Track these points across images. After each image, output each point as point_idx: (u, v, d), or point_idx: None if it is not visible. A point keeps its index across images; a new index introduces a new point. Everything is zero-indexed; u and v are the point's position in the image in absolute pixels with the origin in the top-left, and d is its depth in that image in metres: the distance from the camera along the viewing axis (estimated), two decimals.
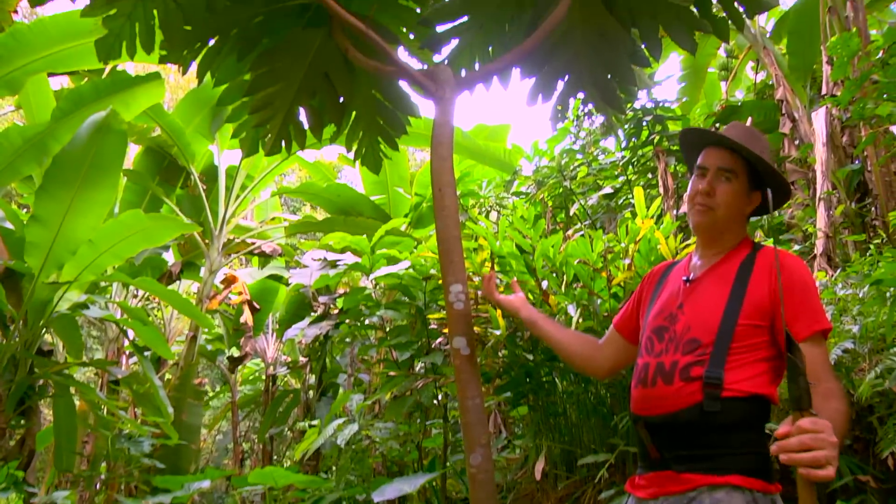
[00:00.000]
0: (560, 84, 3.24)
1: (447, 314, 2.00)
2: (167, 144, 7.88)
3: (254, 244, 8.79)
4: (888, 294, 3.11)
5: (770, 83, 7.62)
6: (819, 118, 5.48)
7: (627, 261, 4.04)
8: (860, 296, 3.34)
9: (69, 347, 6.19)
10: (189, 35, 2.93)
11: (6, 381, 4.76)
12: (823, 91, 6.00)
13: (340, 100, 3.52)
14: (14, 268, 5.03)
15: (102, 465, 6.89)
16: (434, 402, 4.95)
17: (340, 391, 8.67)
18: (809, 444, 1.40)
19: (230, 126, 3.82)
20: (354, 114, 3.60)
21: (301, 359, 10.11)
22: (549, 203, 7.49)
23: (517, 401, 4.53)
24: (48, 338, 7.73)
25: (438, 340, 4.89)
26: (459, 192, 7.13)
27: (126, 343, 7.77)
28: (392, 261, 5.36)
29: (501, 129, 9.99)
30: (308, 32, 3.21)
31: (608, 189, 7.01)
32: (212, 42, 3.13)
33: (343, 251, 6.96)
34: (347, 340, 7.93)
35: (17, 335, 5.10)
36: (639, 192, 4.49)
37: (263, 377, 11.12)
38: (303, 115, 3.61)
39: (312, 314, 7.83)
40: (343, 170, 17.84)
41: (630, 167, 6.92)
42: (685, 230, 5.16)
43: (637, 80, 3.33)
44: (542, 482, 4.21)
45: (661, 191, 6.14)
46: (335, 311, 7.12)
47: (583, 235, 4.38)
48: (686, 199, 2.05)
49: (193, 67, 3.29)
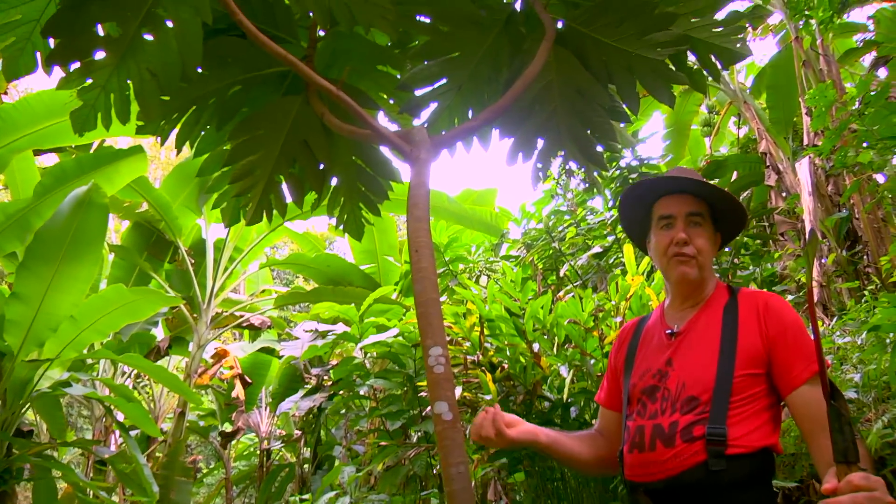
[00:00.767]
0: (539, 142, 3.24)
1: (427, 378, 1.92)
2: (155, 219, 7.87)
3: (242, 317, 8.68)
4: (888, 340, 3.03)
5: (753, 137, 7.70)
6: (803, 168, 5.50)
7: (619, 319, 3.97)
8: (859, 343, 3.26)
9: (52, 427, 6.01)
10: (166, 105, 2.92)
11: None
12: (805, 141, 6.05)
13: (321, 167, 3.51)
14: None
15: None
16: (430, 472, 4.81)
17: (336, 464, 8.46)
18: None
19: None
20: (335, 180, 3.58)
21: (295, 432, 9.90)
22: (540, 265, 7.45)
23: (514, 467, 4.39)
24: (30, 417, 7.54)
25: (430, 408, 4.77)
26: (448, 258, 7.10)
27: (119, 432, 7.57)
28: (381, 329, 5.29)
29: (488, 194, 10.04)
30: (286, 100, 3.21)
31: (597, 248, 6.98)
32: (190, 112, 3.14)
33: (335, 321, 6.89)
34: (342, 412, 7.78)
35: None
36: (628, 249, 4.45)
37: (258, 452, 10.87)
38: (284, 185, 3.60)
39: (306, 387, 7.70)
40: (335, 241, 17.87)
41: (618, 225, 6.90)
42: None
43: (619, 137, 3.33)
44: None
45: None
46: (328, 383, 7.01)
47: (573, 296, 4.33)
48: (657, 254, 1.95)
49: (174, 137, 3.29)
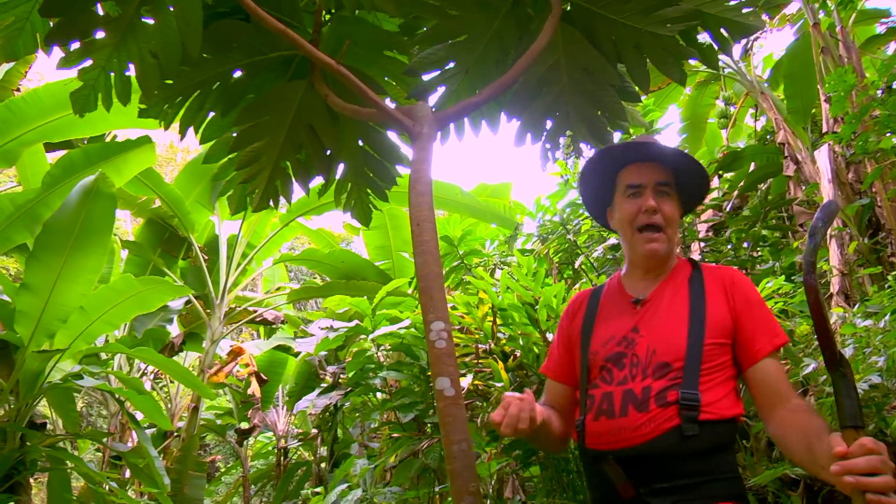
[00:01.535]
0: (548, 123, 3.18)
1: (429, 354, 1.87)
2: (168, 215, 7.89)
3: (255, 312, 8.69)
4: None
5: (771, 129, 7.58)
6: (822, 156, 5.39)
7: None
8: (881, 326, 3.17)
9: (66, 422, 6.03)
10: (169, 89, 2.90)
11: None
12: (824, 129, 5.93)
13: (327, 153, 3.47)
14: (5, 338, 4.93)
15: None
16: (444, 465, 4.76)
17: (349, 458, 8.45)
18: (879, 468, 1.28)
19: None
20: (342, 166, 3.55)
21: (312, 430, 9.90)
22: (555, 259, 7.37)
23: (527, 459, 4.33)
24: (44, 411, 7.58)
25: None
26: (462, 251, 7.04)
27: (130, 424, 7.60)
28: (394, 321, 5.24)
29: (503, 188, 9.96)
30: (291, 85, 3.18)
31: (613, 240, 6.89)
32: (193, 96, 3.12)
33: (349, 319, 6.87)
34: (357, 414, 7.76)
35: (6, 406, 4.97)
36: None
37: (275, 451, 10.88)
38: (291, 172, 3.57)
39: (322, 385, 7.69)
40: (352, 243, 17.89)
41: None
42: None
43: (629, 118, 3.26)
44: None
45: None
46: (344, 381, 6.98)
47: (586, 281, 4.27)
48: (623, 224, 1.91)
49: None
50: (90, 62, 2.51)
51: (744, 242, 6.34)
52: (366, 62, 3.30)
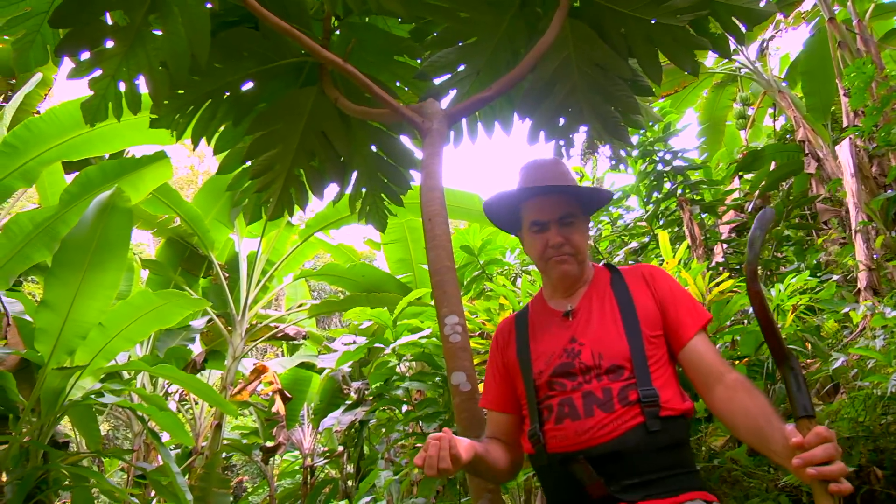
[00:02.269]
0: (561, 121, 3.15)
1: (444, 349, 1.84)
2: (187, 234, 7.93)
3: (277, 328, 8.69)
4: None
5: (790, 127, 7.48)
6: (844, 151, 5.29)
7: None
8: None
9: (87, 439, 6.05)
10: (180, 99, 2.91)
11: (15, 473, 4.61)
12: (845, 124, 5.84)
13: (341, 159, 3.47)
14: (26, 357, 4.96)
15: None
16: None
17: (373, 470, 8.39)
18: (833, 455, 1.32)
19: None
20: (356, 173, 3.54)
21: (338, 448, 9.86)
22: None
23: None
24: (66, 430, 7.61)
25: None
26: (483, 261, 7.01)
27: (152, 440, 7.62)
28: (415, 331, 5.21)
29: None
30: (302, 92, 3.18)
31: (635, 244, 6.83)
32: (205, 106, 3.13)
33: (372, 334, 6.83)
34: (383, 430, 7.71)
35: (28, 424, 4.99)
36: (664, 236, 4.32)
37: (301, 469, 10.85)
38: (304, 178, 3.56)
39: (346, 403, 7.66)
40: (374, 259, 17.92)
41: (655, 220, 6.75)
42: (713, 269, 4.95)
43: (643, 112, 3.22)
44: None
45: (689, 240, 5.95)
46: (369, 398, 6.95)
47: None
48: (533, 256, 1.94)
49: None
50: (100, 72, 2.53)
51: (767, 243, 6.26)
52: (376, 68, 3.29)
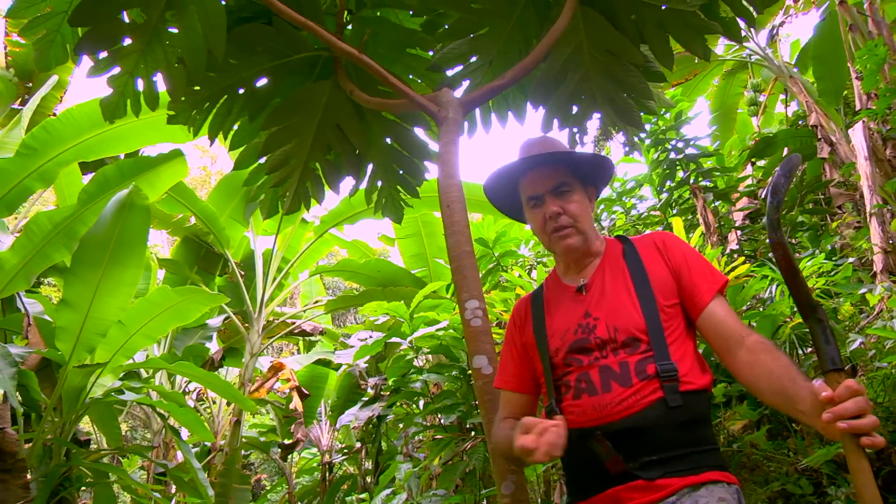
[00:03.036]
0: (574, 108, 3.17)
1: (465, 333, 1.86)
2: (203, 232, 7.99)
3: (293, 324, 8.74)
4: None
5: (802, 113, 7.45)
6: (857, 134, 5.27)
7: None
8: None
9: (108, 437, 6.13)
10: (196, 95, 2.95)
11: (40, 471, 4.69)
12: (857, 107, 5.81)
13: (356, 152, 3.50)
14: (47, 356, 5.03)
15: None
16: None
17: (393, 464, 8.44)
18: (865, 408, 1.29)
19: None
20: (371, 166, 3.57)
21: (356, 444, 9.90)
22: None
23: None
24: (87, 428, 7.69)
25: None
26: (498, 253, 7.03)
27: (172, 437, 7.70)
28: (431, 323, 5.23)
29: None
30: (317, 86, 3.21)
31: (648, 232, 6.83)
32: (221, 102, 3.16)
33: (388, 330, 6.86)
34: (401, 425, 7.75)
35: (51, 423, 5.07)
36: (678, 224, 4.33)
37: (320, 467, 10.90)
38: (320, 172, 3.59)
39: (363, 400, 7.70)
40: (389, 256, 17.97)
41: (668, 209, 6.75)
42: (728, 256, 4.95)
43: (656, 98, 3.23)
44: None
45: (703, 228, 5.95)
46: (386, 393, 6.98)
47: None
48: (537, 233, 1.94)
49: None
50: (118, 69, 2.57)
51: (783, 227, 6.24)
52: (389, 60, 3.31)
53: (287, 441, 9.67)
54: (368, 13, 3.27)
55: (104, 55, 2.51)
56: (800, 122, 7.69)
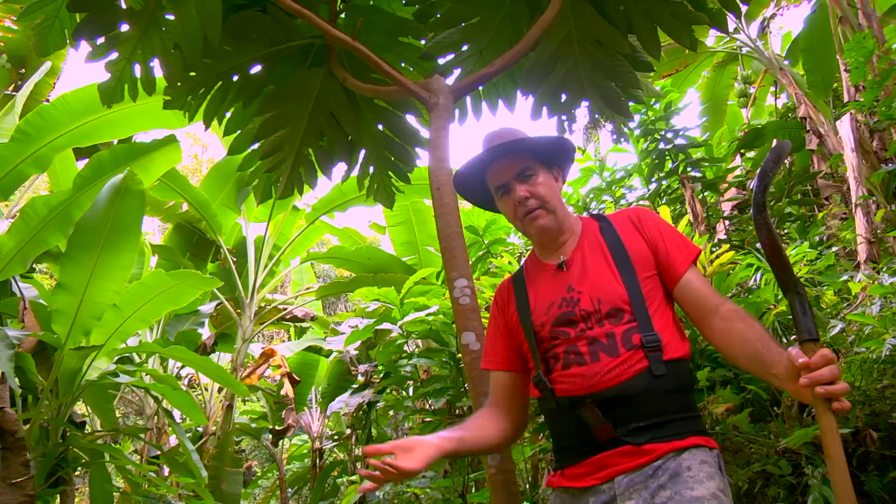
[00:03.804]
0: (563, 97, 3.23)
1: (453, 310, 1.93)
2: (195, 219, 8.03)
3: (285, 310, 8.80)
4: None
5: (792, 105, 7.52)
6: (844, 126, 5.35)
7: None
8: None
9: (102, 420, 6.20)
10: (192, 80, 2.99)
11: (37, 451, 4.75)
12: (846, 100, 5.88)
13: (349, 138, 3.55)
14: (43, 339, 5.08)
15: None
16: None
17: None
18: (838, 375, 1.39)
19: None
20: (363, 152, 3.63)
21: (346, 430, 9.97)
22: None
23: None
24: (82, 410, 7.74)
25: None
26: (487, 240, 7.09)
27: (167, 420, 7.76)
28: (421, 308, 5.29)
29: None
30: (310, 73, 3.26)
31: None
32: (216, 88, 3.21)
33: (379, 316, 6.93)
34: (391, 411, 7.81)
35: (47, 404, 5.13)
36: (664, 211, 4.40)
37: (310, 453, 10.97)
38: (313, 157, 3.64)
39: (353, 387, 7.76)
40: (379, 244, 17.99)
41: (657, 198, 6.82)
42: (717, 244, 5.03)
43: (643, 87, 3.30)
44: None
45: (691, 217, 6.02)
46: (377, 379, 7.05)
47: None
48: (511, 220, 1.99)
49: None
50: (116, 55, 2.61)
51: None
52: (381, 49, 3.36)
53: (278, 427, 9.73)
54: (361, 2, 3.32)
55: (102, 41, 2.55)
56: (789, 114, 7.77)
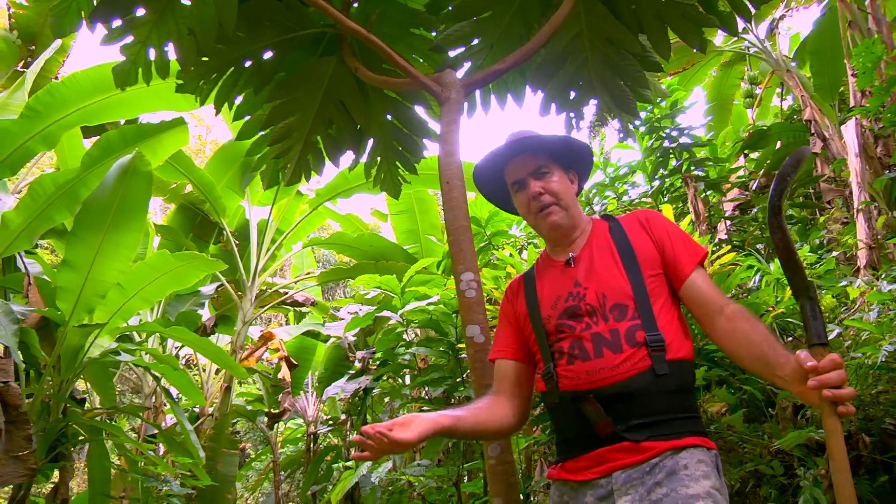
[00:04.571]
0: (572, 94, 3.25)
1: (459, 303, 1.97)
2: (199, 200, 8.05)
3: (286, 294, 8.83)
4: None
5: (797, 107, 7.53)
6: (849, 130, 5.37)
7: None
8: None
9: (102, 397, 6.25)
10: (205, 65, 3.02)
11: (39, 426, 4.80)
12: (852, 104, 5.90)
13: (357, 127, 3.57)
14: (47, 315, 5.13)
15: None
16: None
17: None
18: (845, 379, 1.43)
19: (259, 181, 3.88)
20: (371, 141, 3.65)
21: (342, 416, 10.01)
22: None
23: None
24: (82, 387, 7.77)
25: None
26: (490, 232, 7.12)
27: (165, 399, 7.81)
28: (422, 298, 5.32)
29: None
30: (322, 62, 3.28)
31: None
32: (228, 73, 3.23)
33: (379, 303, 6.96)
34: (387, 399, 7.85)
35: (49, 380, 5.18)
36: (667, 209, 4.43)
37: (305, 437, 11.03)
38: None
39: (350, 373, 7.80)
40: (381, 231, 18.01)
41: (660, 196, 6.85)
42: (718, 244, 5.06)
43: (651, 87, 3.32)
44: None
45: (693, 216, 6.05)
46: (374, 366, 7.09)
47: None
48: (524, 216, 2.04)
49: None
50: (131, 38, 2.63)
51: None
52: (393, 39, 3.38)
53: (274, 410, 9.78)
54: None
55: (118, 24, 2.57)
56: (794, 116, 7.78)
